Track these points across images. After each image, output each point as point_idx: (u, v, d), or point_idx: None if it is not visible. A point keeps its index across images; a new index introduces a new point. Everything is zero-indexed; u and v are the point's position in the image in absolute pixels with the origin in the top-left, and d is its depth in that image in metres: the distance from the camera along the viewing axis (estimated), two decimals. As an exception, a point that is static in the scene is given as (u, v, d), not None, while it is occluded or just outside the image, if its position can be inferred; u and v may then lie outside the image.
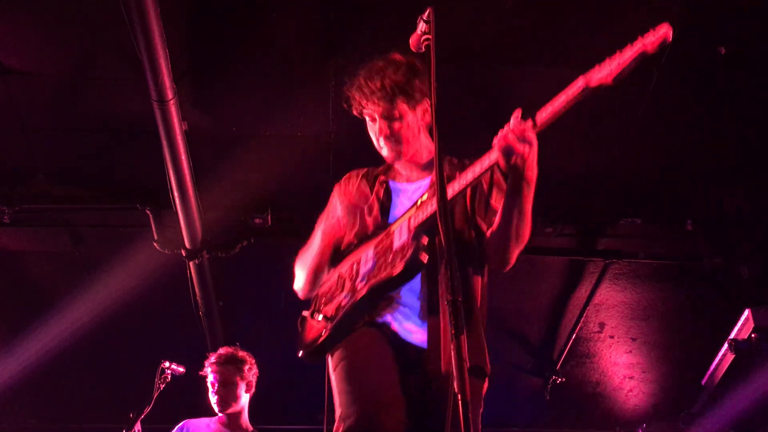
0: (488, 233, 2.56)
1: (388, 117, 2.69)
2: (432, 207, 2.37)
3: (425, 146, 2.79)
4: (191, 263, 5.39)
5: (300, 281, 2.83)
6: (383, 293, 2.49)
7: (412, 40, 2.60)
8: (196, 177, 4.76)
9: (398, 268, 2.39)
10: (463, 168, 2.55)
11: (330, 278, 2.73)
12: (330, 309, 2.59)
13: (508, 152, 2.29)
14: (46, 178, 5.11)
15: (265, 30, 4.31)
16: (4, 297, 5.97)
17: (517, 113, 2.33)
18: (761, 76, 4.50)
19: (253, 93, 4.64)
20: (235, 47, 4.39)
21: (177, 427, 4.30)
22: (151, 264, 5.50)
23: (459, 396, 1.82)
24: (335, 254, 2.79)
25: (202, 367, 4.43)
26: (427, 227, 2.41)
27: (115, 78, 4.47)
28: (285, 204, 5.32)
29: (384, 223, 2.65)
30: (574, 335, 6.42)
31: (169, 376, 4.57)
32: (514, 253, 2.55)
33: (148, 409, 4.38)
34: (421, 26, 2.56)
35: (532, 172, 2.35)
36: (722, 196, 5.33)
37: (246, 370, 4.32)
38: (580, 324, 6.31)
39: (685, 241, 5.53)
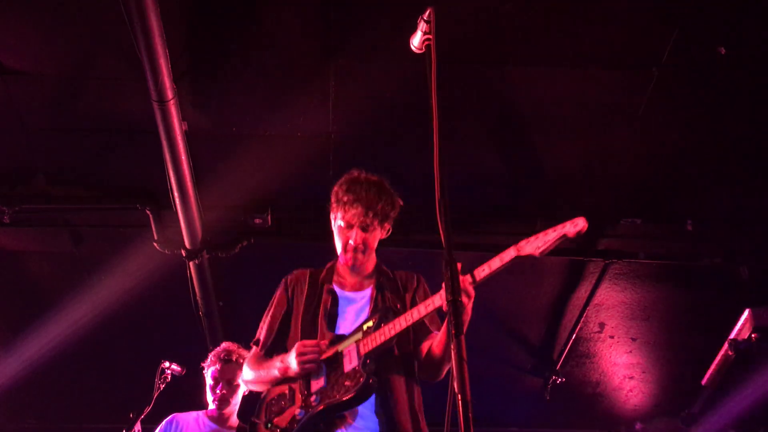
0: (424, 353, 2.93)
1: (365, 229, 3.02)
2: (381, 336, 2.74)
3: (372, 259, 3.16)
4: (191, 263, 5.38)
5: (253, 385, 3.10)
6: (337, 412, 2.75)
7: (413, 40, 2.61)
8: (196, 177, 4.76)
9: (350, 393, 2.69)
10: (397, 291, 3.06)
11: (278, 387, 2.94)
12: (283, 420, 2.82)
13: None
14: (46, 178, 5.11)
15: (265, 30, 4.31)
16: (4, 297, 5.97)
17: (458, 267, 2.52)
18: (761, 76, 4.50)
19: (253, 93, 4.64)
20: (235, 47, 4.39)
21: (165, 420, 4.30)
22: (151, 264, 5.50)
23: (459, 396, 1.82)
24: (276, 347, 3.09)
25: (202, 366, 4.42)
26: (374, 355, 2.75)
27: (115, 78, 4.47)
28: (285, 204, 5.32)
29: (330, 335, 2.93)
30: (574, 335, 6.42)
31: (169, 376, 4.58)
32: (446, 369, 2.89)
33: (148, 409, 4.39)
34: (422, 26, 2.57)
35: (468, 316, 2.76)
36: (722, 196, 5.33)
37: None
38: (580, 324, 6.31)
39: (685, 241, 5.53)
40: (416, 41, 2.63)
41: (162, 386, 4.53)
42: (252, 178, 5.11)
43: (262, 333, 3.15)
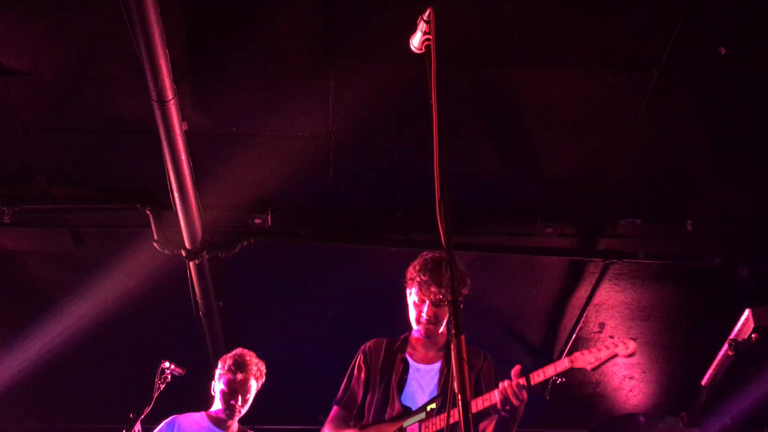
0: None
1: (436, 304, 3.27)
2: (441, 422, 3.00)
3: (444, 333, 3.40)
4: (191, 263, 5.38)
5: None
6: None
7: (413, 40, 2.61)
8: (196, 177, 4.76)
9: None
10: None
11: None
12: None
13: (505, 401, 2.98)
14: (46, 178, 5.11)
15: (266, 30, 4.31)
16: (5, 297, 5.97)
17: (516, 370, 3.01)
18: (761, 76, 4.50)
19: (253, 93, 4.64)
20: (235, 47, 4.39)
21: (165, 422, 4.29)
22: (151, 264, 5.50)
23: (459, 396, 1.82)
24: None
25: (201, 367, 4.42)
26: None
27: (115, 78, 4.47)
28: (285, 204, 5.32)
29: (398, 402, 3.17)
30: (574, 335, 6.42)
31: (169, 377, 4.57)
32: None
33: (148, 409, 4.38)
34: (422, 26, 2.57)
35: (520, 415, 3.12)
36: (722, 196, 5.33)
37: (261, 384, 4.38)
38: (580, 324, 6.31)
39: (685, 241, 5.53)
40: (416, 41, 2.63)
41: (162, 386, 4.52)
42: (252, 179, 5.11)
43: (343, 395, 3.41)
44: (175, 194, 4.73)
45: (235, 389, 4.23)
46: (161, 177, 4.70)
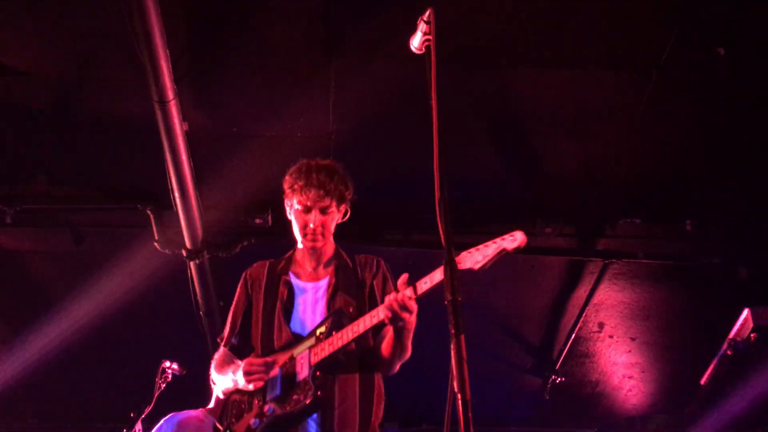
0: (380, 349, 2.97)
1: (323, 210, 3.05)
2: (330, 346, 2.79)
3: (331, 243, 3.17)
4: (192, 263, 5.39)
5: (216, 389, 3.20)
6: (287, 426, 2.82)
7: (413, 41, 2.62)
8: (196, 177, 4.77)
9: (298, 407, 2.77)
10: (355, 282, 3.07)
11: (241, 393, 3.02)
12: (240, 428, 2.93)
13: (394, 317, 2.69)
14: (47, 178, 5.11)
15: (266, 30, 4.31)
16: (5, 297, 5.98)
17: (403, 280, 2.75)
18: (761, 76, 4.50)
19: (254, 93, 4.65)
20: (235, 48, 4.39)
21: (164, 419, 4.30)
22: (151, 264, 5.51)
23: (459, 396, 1.83)
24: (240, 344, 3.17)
25: (202, 366, 4.42)
26: (323, 366, 2.81)
27: (116, 78, 4.48)
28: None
29: (286, 329, 2.99)
30: (574, 335, 6.42)
31: (170, 376, 4.58)
32: (398, 366, 2.98)
33: (148, 409, 4.39)
34: (422, 27, 2.58)
35: (412, 326, 2.83)
36: (722, 196, 5.33)
37: None
38: (579, 324, 6.32)
39: (684, 241, 5.53)
40: (416, 42, 2.64)
41: (162, 386, 4.53)
42: (252, 178, 5.11)
43: (225, 330, 3.21)
44: (176, 194, 4.74)
45: None
46: (162, 177, 4.70)
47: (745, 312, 5.40)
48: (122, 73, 4.42)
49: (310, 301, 3.07)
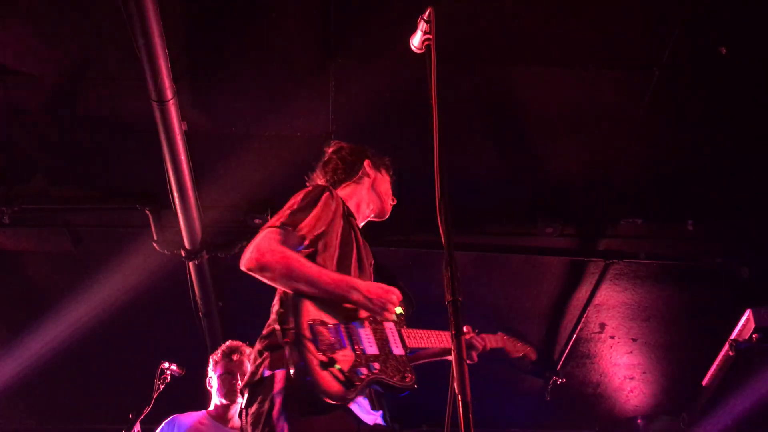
0: None
1: None
2: (416, 342, 2.77)
3: None
4: (191, 264, 5.38)
5: (297, 280, 2.60)
6: (384, 391, 2.62)
7: (413, 40, 2.61)
8: (195, 177, 4.76)
9: (402, 384, 2.58)
10: None
11: (322, 313, 2.58)
12: (344, 365, 2.46)
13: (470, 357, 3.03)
14: (46, 178, 5.10)
15: (265, 30, 4.30)
16: (4, 297, 5.97)
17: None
18: (762, 76, 4.49)
19: (253, 93, 4.64)
20: (235, 47, 4.38)
21: (165, 422, 4.29)
22: (150, 264, 5.50)
23: (459, 397, 1.82)
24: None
25: (201, 367, 4.42)
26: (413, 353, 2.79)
27: (115, 78, 4.47)
28: (285, 204, 5.30)
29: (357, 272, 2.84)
30: (575, 336, 6.42)
31: (169, 377, 4.57)
32: None
33: (147, 410, 4.38)
34: (422, 26, 2.57)
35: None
36: (723, 196, 5.32)
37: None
38: (580, 324, 6.31)
39: (686, 241, 5.52)
40: (416, 41, 2.63)
41: (161, 387, 4.52)
42: (251, 178, 5.10)
43: (306, 223, 2.71)
44: (175, 194, 4.73)
45: (232, 370, 4.31)
46: (161, 177, 4.69)
47: (747, 312, 5.38)
48: (121, 72, 4.41)
49: (365, 257, 2.93)
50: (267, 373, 2.49)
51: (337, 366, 2.42)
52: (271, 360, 2.50)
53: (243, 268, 2.68)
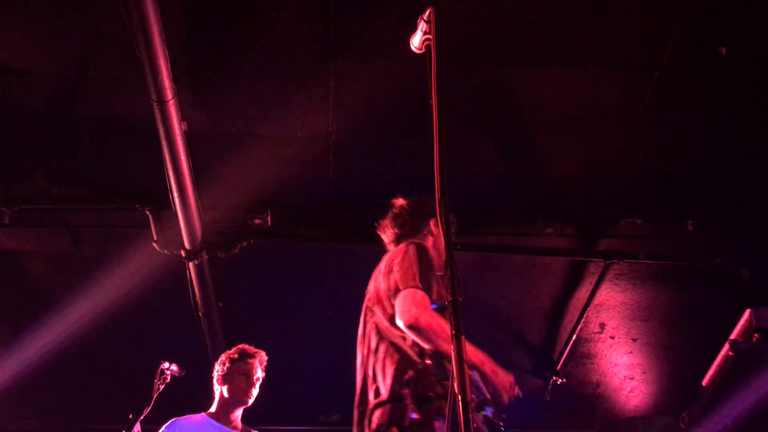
0: None
1: None
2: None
3: None
4: (191, 264, 5.38)
5: (434, 338, 2.86)
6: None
7: (413, 40, 2.61)
8: (195, 177, 4.76)
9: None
10: None
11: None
12: (480, 407, 2.83)
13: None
14: (46, 178, 5.10)
15: (265, 30, 4.30)
16: (4, 297, 5.97)
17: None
18: (762, 76, 4.49)
19: (253, 93, 4.64)
20: (234, 47, 4.38)
21: (165, 426, 4.29)
22: (150, 264, 5.49)
23: (459, 397, 1.82)
24: None
25: (201, 367, 4.42)
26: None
27: (115, 78, 4.47)
28: (285, 204, 5.31)
29: None
30: (575, 336, 6.41)
31: (169, 377, 4.57)
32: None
33: (147, 410, 4.37)
34: (422, 26, 2.57)
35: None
36: (723, 196, 5.32)
37: (262, 377, 4.49)
38: (580, 324, 6.31)
39: (686, 241, 5.52)
40: (416, 41, 2.63)
41: (161, 387, 4.52)
42: (252, 178, 5.10)
43: (429, 287, 2.98)
44: (175, 194, 4.73)
45: (247, 373, 4.34)
46: (161, 177, 4.69)
47: (747, 313, 5.37)
48: (121, 72, 4.41)
49: None
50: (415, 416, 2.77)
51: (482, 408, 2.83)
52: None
53: (404, 325, 2.85)
